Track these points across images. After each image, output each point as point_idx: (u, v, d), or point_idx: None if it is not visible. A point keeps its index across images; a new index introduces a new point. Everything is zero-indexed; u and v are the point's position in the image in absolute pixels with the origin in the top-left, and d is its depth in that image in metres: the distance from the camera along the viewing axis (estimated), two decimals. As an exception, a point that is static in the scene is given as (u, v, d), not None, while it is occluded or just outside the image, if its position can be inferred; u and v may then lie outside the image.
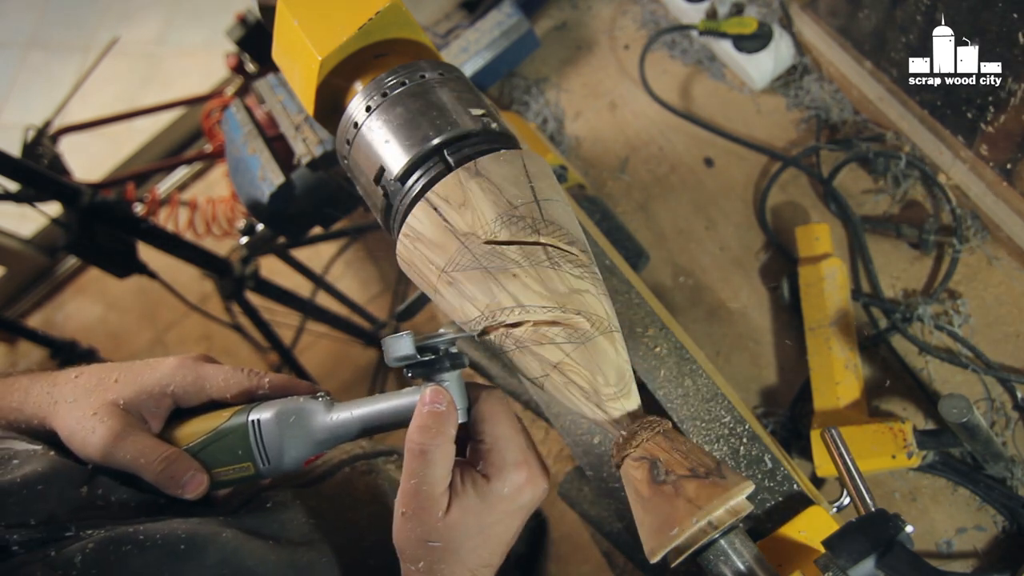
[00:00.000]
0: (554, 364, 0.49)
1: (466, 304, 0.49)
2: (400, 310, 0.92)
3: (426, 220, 0.50)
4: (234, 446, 0.51)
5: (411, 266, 0.53)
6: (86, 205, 1.39)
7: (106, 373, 0.54)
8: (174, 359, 0.54)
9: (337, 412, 0.52)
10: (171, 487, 0.50)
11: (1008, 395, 0.81)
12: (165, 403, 0.53)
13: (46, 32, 3.35)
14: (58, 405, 0.52)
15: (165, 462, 0.50)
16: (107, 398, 0.52)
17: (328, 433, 0.51)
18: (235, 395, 0.54)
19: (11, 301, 2.77)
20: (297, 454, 0.51)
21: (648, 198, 1.07)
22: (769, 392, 0.91)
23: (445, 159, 0.52)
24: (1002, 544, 0.76)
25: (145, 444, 0.51)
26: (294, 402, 0.52)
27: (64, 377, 0.54)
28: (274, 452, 0.51)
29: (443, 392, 0.48)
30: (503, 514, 0.49)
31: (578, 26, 1.24)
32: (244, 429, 0.51)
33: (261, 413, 0.51)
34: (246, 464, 0.51)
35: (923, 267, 0.90)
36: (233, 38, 1.56)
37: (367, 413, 0.51)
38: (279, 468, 0.51)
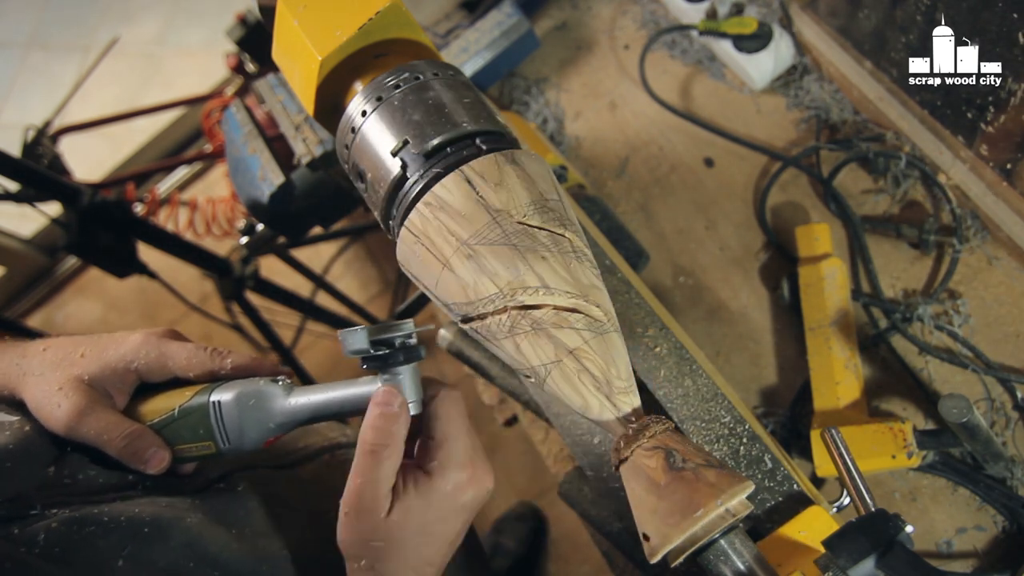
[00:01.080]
0: (570, 349, 0.48)
1: (483, 279, 0.48)
2: (400, 310, 0.92)
3: (456, 191, 0.50)
4: (195, 425, 0.52)
5: (422, 238, 0.51)
6: (86, 205, 1.39)
7: (73, 347, 0.54)
8: (139, 335, 0.55)
9: (295, 397, 0.53)
10: (134, 462, 0.51)
11: (1008, 395, 0.81)
12: (129, 379, 0.54)
13: (46, 32, 3.35)
14: (26, 377, 0.53)
15: (128, 438, 0.51)
16: (73, 373, 0.52)
17: (285, 416, 0.53)
18: (198, 374, 0.55)
19: (11, 301, 2.78)
20: (256, 435, 0.52)
21: (648, 198, 1.07)
22: (769, 392, 0.91)
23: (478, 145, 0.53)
24: (1002, 544, 0.76)
25: (108, 420, 0.51)
26: (254, 384, 0.53)
27: (33, 349, 0.55)
28: (234, 432, 0.52)
29: (394, 392, 0.49)
30: (446, 511, 0.50)
31: (578, 26, 1.24)
32: (205, 409, 0.52)
33: (222, 394, 0.52)
34: (207, 443, 0.53)
35: (923, 267, 0.90)
36: (233, 38, 1.56)
37: (323, 399, 0.53)
38: (240, 448, 0.53)
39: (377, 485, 0.48)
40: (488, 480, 0.52)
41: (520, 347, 0.49)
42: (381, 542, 0.48)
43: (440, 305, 0.53)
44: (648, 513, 0.46)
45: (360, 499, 0.48)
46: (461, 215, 0.49)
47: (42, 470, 0.49)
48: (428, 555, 0.50)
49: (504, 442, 2.03)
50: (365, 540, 0.48)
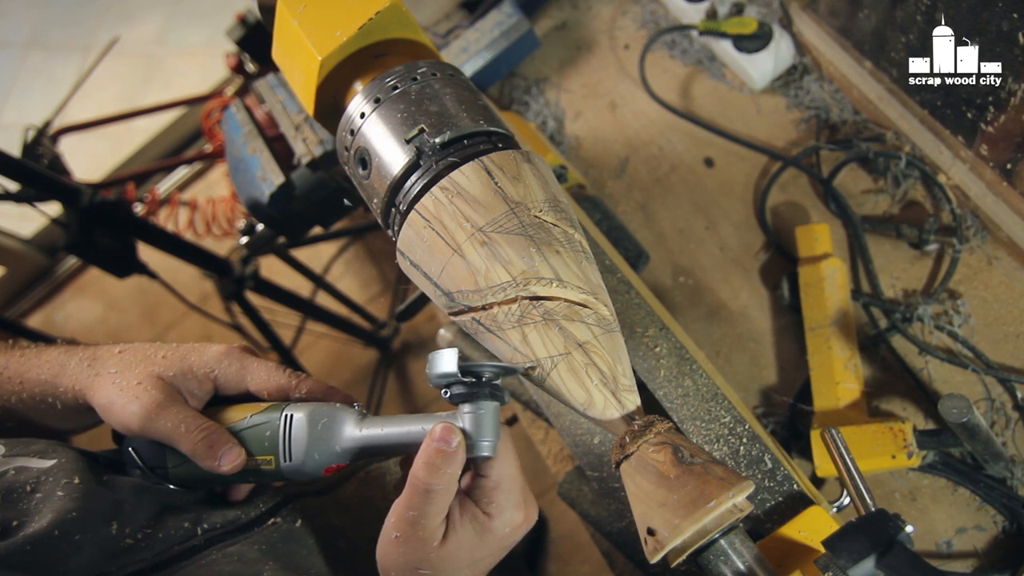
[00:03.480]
0: (580, 343, 0.48)
1: (496, 266, 0.48)
2: (400, 310, 0.92)
3: (476, 180, 0.50)
4: (262, 437, 0.52)
5: (433, 222, 0.50)
6: (86, 205, 1.39)
7: (152, 350, 0.55)
8: (221, 347, 0.55)
9: (367, 426, 0.52)
10: (208, 458, 0.51)
11: (1008, 395, 0.81)
12: (207, 387, 0.54)
13: (46, 32, 3.36)
14: (100, 377, 0.53)
15: (205, 431, 0.51)
16: (153, 371, 0.53)
17: (353, 443, 0.51)
18: (272, 392, 0.55)
19: (11, 301, 2.78)
20: (320, 458, 0.51)
21: (648, 198, 1.07)
22: (769, 392, 0.91)
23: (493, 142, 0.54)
24: (1002, 544, 0.76)
25: (187, 414, 0.51)
26: (329, 407, 0.52)
27: (106, 351, 0.55)
28: (298, 450, 0.51)
29: (453, 430, 0.47)
30: (496, 548, 0.51)
31: (578, 26, 1.24)
32: (277, 422, 0.51)
33: (296, 410, 0.52)
34: (269, 457, 0.51)
35: (923, 267, 0.90)
36: (233, 38, 1.56)
37: (396, 433, 0.51)
38: (300, 469, 0.51)
39: (430, 519, 0.47)
40: (535, 515, 0.52)
41: (528, 337, 0.48)
42: (429, 571, 0.48)
43: (438, 294, 0.51)
44: (657, 506, 0.46)
45: (412, 528, 0.47)
46: (478, 202, 0.50)
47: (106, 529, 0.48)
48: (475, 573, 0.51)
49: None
50: (413, 567, 0.48)
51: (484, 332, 0.50)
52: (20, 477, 0.48)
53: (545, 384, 0.49)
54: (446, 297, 0.51)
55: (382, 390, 2.21)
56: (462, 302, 0.50)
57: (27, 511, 0.46)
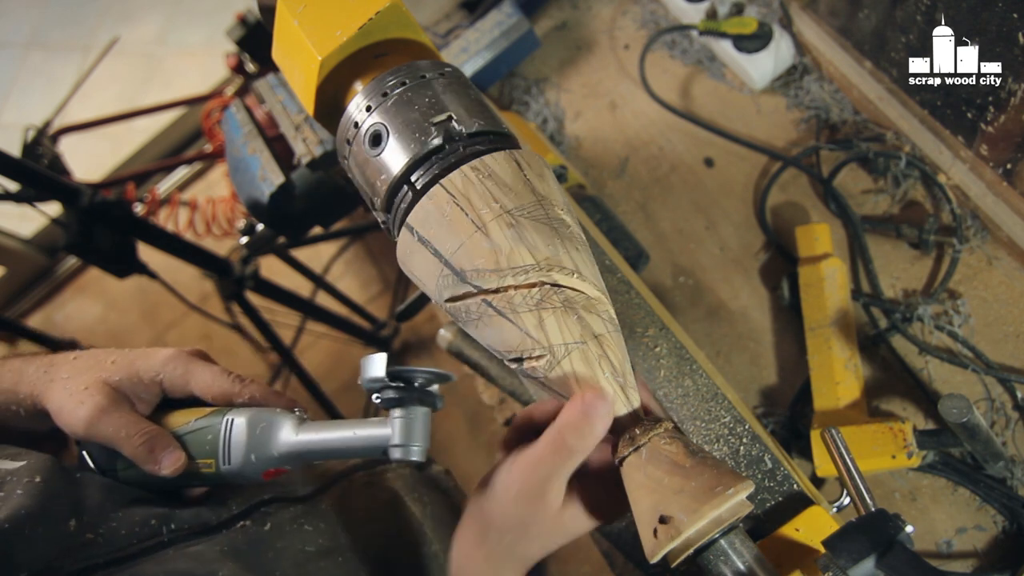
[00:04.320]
0: (595, 335, 0.49)
1: (521, 248, 0.49)
2: (400, 310, 0.92)
3: (506, 166, 0.51)
4: (204, 441, 0.53)
5: (459, 197, 0.50)
6: (86, 205, 1.39)
7: (103, 356, 0.56)
8: (169, 351, 0.56)
9: (305, 431, 0.53)
10: (149, 461, 0.52)
11: (1008, 395, 0.81)
12: (154, 390, 0.55)
13: (46, 32, 3.36)
14: (53, 383, 0.54)
15: (145, 436, 0.52)
16: (100, 376, 0.54)
17: (290, 448, 0.52)
18: (215, 396, 0.56)
19: (11, 301, 2.78)
20: (257, 462, 0.52)
21: (648, 198, 1.07)
22: (769, 392, 0.91)
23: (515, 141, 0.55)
24: (1002, 544, 0.76)
25: (128, 419, 0.52)
26: (269, 412, 0.54)
27: (62, 358, 0.56)
28: (237, 454, 0.52)
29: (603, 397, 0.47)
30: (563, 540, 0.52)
31: (578, 26, 1.24)
32: (218, 427, 0.53)
33: (237, 415, 0.53)
34: (210, 461, 0.53)
35: (923, 267, 0.90)
36: (233, 38, 1.56)
37: (333, 439, 0.52)
38: (239, 472, 0.52)
39: (561, 481, 0.48)
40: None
41: (544, 321, 0.48)
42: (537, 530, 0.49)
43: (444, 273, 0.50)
44: (673, 494, 0.46)
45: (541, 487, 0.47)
46: (508, 187, 0.50)
47: (64, 526, 0.48)
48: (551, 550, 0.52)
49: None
50: (525, 524, 0.48)
51: (492, 315, 0.49)
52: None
53: (551, 375, 0.49)
54: (455, 276, 0.50)
55: (382, 390, 2.21)
56: (474, 281, 0.49)
57: None
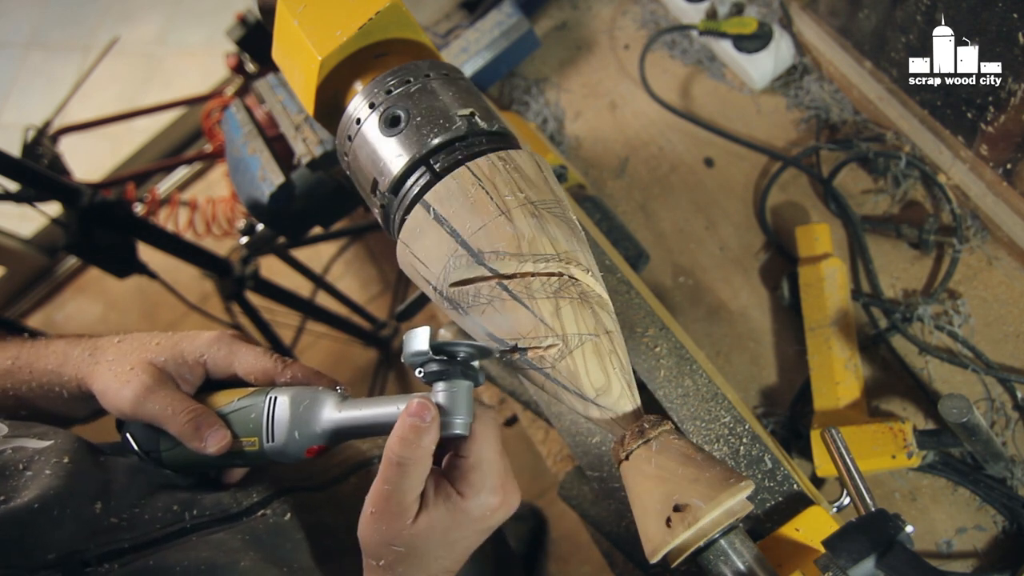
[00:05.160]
0: (607, 330, 0.50)
1: (543, 238, 0.49)
2: (400, 310, 0.92)
3: (530, 163, 0.53)
4: (248, 420, 0.53)
5: (485, 181, 0.50)
6: (86, 205, 1.39)
7: (148, 338, 0.57)
8: (213, 333, 0.58)
9: (347, 408, 0.53)
10: (195, 439, 0.52)
11: (1008, 395, 0.81)
12: (198, 371, 0.57)
13: (46, 32, 3.36)
14: (98, 365, 0.56)
15: (192, 414, 0.53)
16: (146, 357, 0.55)
17: (333, 424, 0.53)
18: (258, 377, 0.56)
19: (11, 301, 2.78)
20: (301, 439, 0.52)
21: (648, 198, 1.07)
22: (769, 392, 0.91)
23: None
24: (1002, 544, 0.76)
25: (175, 397, 0.54)
26: (312, 390, 0.54)
27: (107, 341, 0.58)
28: (280, 432, 0.52)
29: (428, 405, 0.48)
30: (471, 531, 0.51)
31: (578, 26, 1.24)
32: (262, 405, 0.53)
33: (280, 393, 0.54)
34: (253, 439, 0.53)
35: (923, 267, 0.90)
36: (233, 38, 1.56)
37: (373, 415, 0.52)
38: (283, 450, 0.52)
39: (403, 494, 0.48)
40: (515, 500, 0.52)
41: (561, 310, 0.49)
42: (403, 547, 0.49)
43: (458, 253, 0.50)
44: (688, 482, 0.46)
45: (387, 503, 0.48)
46: (532, 181, 0.51)
47: (89, 508, 0.49)
48: (447, 564, 0.51)
49: (504, 442, 2.03)
50: (387, 542, 0.49)
51: (506, 300, 0.49)
52: (16, 456, 0.50)
53: (559, 365, 0.49)
54: (470, 256, 0.49)
55: (382, 390, 2.21)
56: (492, 263, 0.49)
57: (16, 487, 0.47)
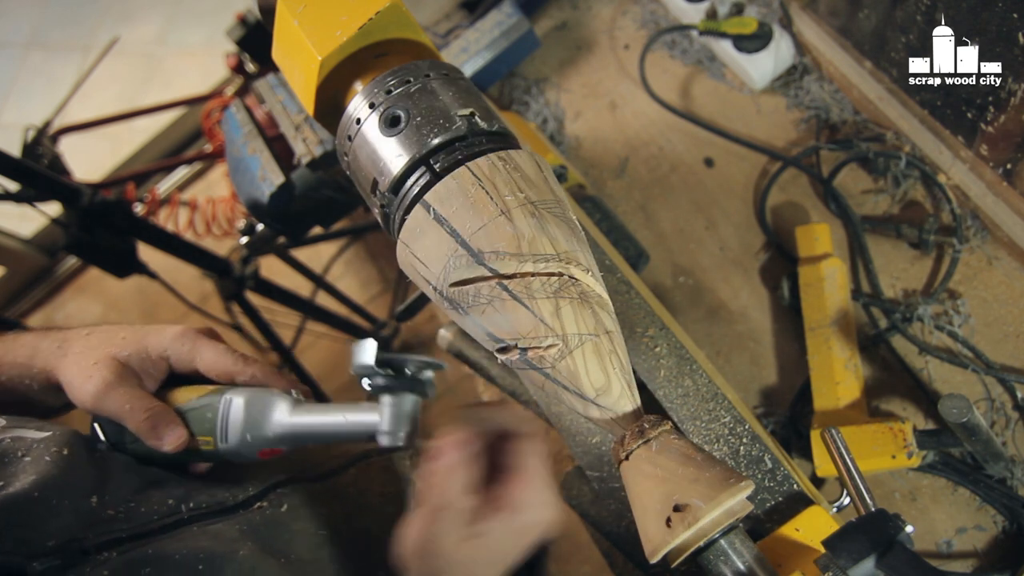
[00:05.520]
0: (607, 330, 0.50)
1: (543, 238, 0.49)
2: (400, 310, 0.92)
3: (530, 163, 0.53)
4: (204, 419, 0.54)
5: (485, 181, 0.50)
6: (86, 205, 1.39)
7: (115, 331, 0.58)
8: (178, 328, 0.58)
9: (299, 413, 0.54)
10: (151, 437, 0.53)
11: (1008, 395, 0.81)
12: (161, 366, 0.57)
13: (46, 32, 3.35)
14: (66, 358, 0.56)
15: (148, 412, 0.53)
16: (110, 352, 0.55)
17: (283, 429, 0.54)
18: (219, 374, 0.57)
19: (11, 301, 2.78)
20: (253, 441, 0.54)
21: (648, 198, 1.07)
22: (769, 392, 0.91)
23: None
24: (1002, 544, 0.76)
25: (134, 395, 0.54)
26: (267, 393, 0.55)
27: (75, 334, 0.58)
28: (234, 433, 0.53)
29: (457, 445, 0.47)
30: (515, 546, 0.50)
31: (578, 26, 1.24)
32: (217, 405, 0.54)
33: (236, 395, 0.55)
34: (209, 438, 0.54)
35: (923, 267, 0.90)
36: (233, 38, 1.56)
37: (323, 421, 0.53)
38: (236, 452, 0.54)
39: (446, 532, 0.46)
40: (558, 517, 0.51)
41: (561, 310, 0.49)
42: (447, 568, 0.48)
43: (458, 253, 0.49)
44: (688, 482, 0.46)
45: (426, 542, 0.46)
46: (531, 181, 0.51)
47: (86, 500, 0.49)
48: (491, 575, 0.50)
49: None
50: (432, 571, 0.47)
51: (506, 300, 0.49)
52: (15, 444, 0.50)
53: (559, 365, 0.49)
54: (470, 257, 0.49)
55: (382, 390, 2.20)
56: (491, 263, 0.49)
57: (14, 473, 0.48)
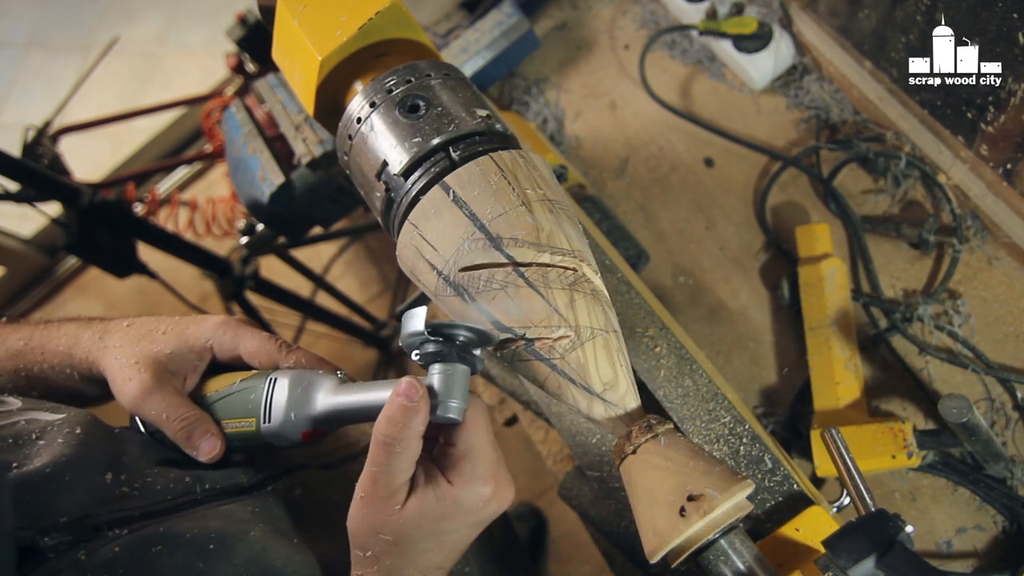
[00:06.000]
0: (615, 329, 0.51)
1: (560, 233, 0.50)
2: (400, 310, 0.92)
3: (545, 166, 0.54)
4: (247, 400, 0.54)
5: (507, 172, 0.50)
6: (86, 205, 1.39)
7: (155, 324, 0.57)
8: (219, 318, 0.58)
9: (343, 392, 0.53)
10: (187, 447, 0.53)
11: (1008, 395, 0.81)
12: (205, 357, 0.57)
13: (46, 32, 3.35)
14: (107, 350, 0.56)
15: (184, 422, 0.53)
16: (152, 349, 0.55)
17: (328, 407, 0.53)
18: (263, 361, 0.57)
19: (11, 301, 2.78)
20: (297, 420, 0.52)
21: (648, 198, 1.07)
22: (769, 392, 0.91)
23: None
24: (1002, 544, 0.76)
25: (170, 402, 0.54)
26: (312, 373, 0.54)
27: (116, 325, 0.58)
28: (277, 413, 0.52)
29: (417, 386, 0.47)
30: (462, 524, 0.50)
31: (578, 26, 1.24)
32: (261, 386, 0.54)
33: (281, 375, 0.54)
34: (251, 420, 0.53)
35: (923, 267, 0.90)
36: (233, 38, 1.56)
37: (368, 399, 0.51)
38: (279, 432, 0.53)
39: (391, 477, 0.47)
40: (509, 493, 0.51)
41: (575, 302, 0.49)
42: (390, 535, 0.48)
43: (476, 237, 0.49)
44: (701, 474, 0.46)
45: (375, 487, 0.47)
46: (547, 181, 0.52)
47: (100, 478, 0.49)
48: (437, 560, 0.50)
49: (504, 442, 2.02)
50: (375, 530, 0.48)
51: (521, 287, 0.49)
52: (29, 427, 0.50)
53: (569, 356, 0.49)
54: (488, 241, 0.49)
55: (382, 390, 2.20)
56: (510, 250, 0.49)
57: (28, 455, 0.48)
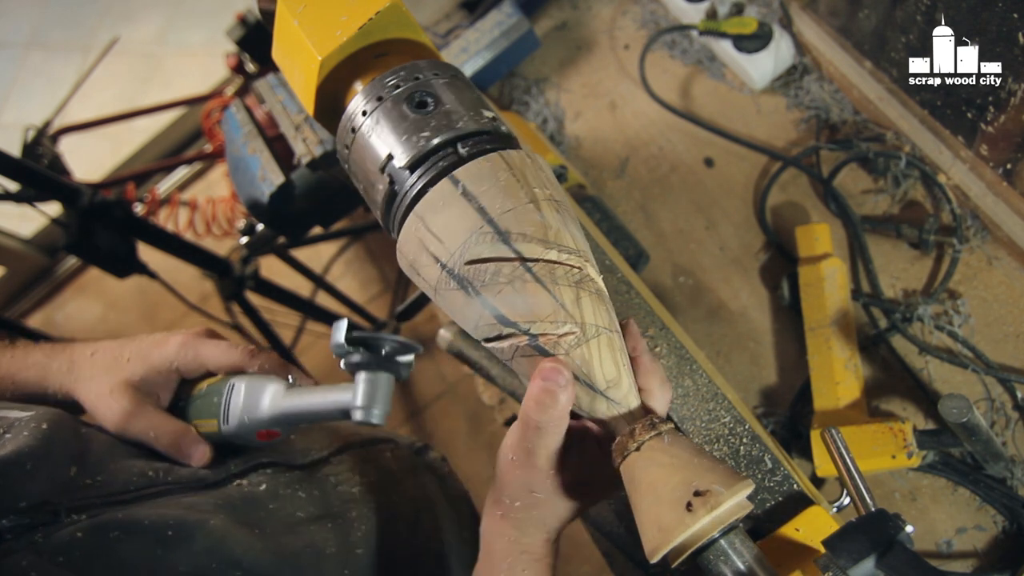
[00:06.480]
0: (617, 330, 0.52)
1: (566, 232, 0.51)
2: (400, 310, 0.92)
3: (549, 169, 0.54)
4: (211, 404, 0.58)
5: (515, 171, 0.51)
6: (86, 205, 1.39)
7: (119, 351, 0.59)
8: (179, 337, 0.60)
9: (292, 396, 0.56)
10: (180, 457, 0.57)
11: (1008, 395, 0.81)
12: (172, 378, 0.60)
13: (46, 32, 3.35)
14: (78, 382, 0.58)
15: (172, 436, 0.57)
16: (121, 377, 0.57)
17: (278, 410, 0.56)
18: (229, 370, 0.60)
19: (11, 301, 2.78)
20: (250, 422, 0.56)
21: (648, 198, 1.07)
22: (769, 392, 0.91)
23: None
24: (1002, 544, 0.76)
25: (152, 421, 0.57)
26: (265, 378, 0.58)
27: (80, 355, 0.60)
28: (234, 416, 0.57)
29: (560, 369, 0.47)
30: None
31: (578, 26, 1.24)
32: (223, 390, 0.58)
33: (239, 380, 0.58)
34: (213, 421, 0.57)
35: (923, 267, 0.90)
36: (233, 38, 1.56)
37: (309, 402, 0.55)
38: (236, 433, 0.57)
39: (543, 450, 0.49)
40: None
41: (581, 300, 0.50)
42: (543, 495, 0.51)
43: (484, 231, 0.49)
44: (706, 471, 0.47)
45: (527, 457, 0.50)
46: (553, 183, 0.53)
47: (64, 470, 0.50)
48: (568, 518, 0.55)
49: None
50: (529, 488, 0.51)
51: (528, 281, 0.49)
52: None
53: (574, 352, 0.49)
54: (497, 235, 0.49)
55: (382, 390, 2.20)
56: (518, 245, 0.49)
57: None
